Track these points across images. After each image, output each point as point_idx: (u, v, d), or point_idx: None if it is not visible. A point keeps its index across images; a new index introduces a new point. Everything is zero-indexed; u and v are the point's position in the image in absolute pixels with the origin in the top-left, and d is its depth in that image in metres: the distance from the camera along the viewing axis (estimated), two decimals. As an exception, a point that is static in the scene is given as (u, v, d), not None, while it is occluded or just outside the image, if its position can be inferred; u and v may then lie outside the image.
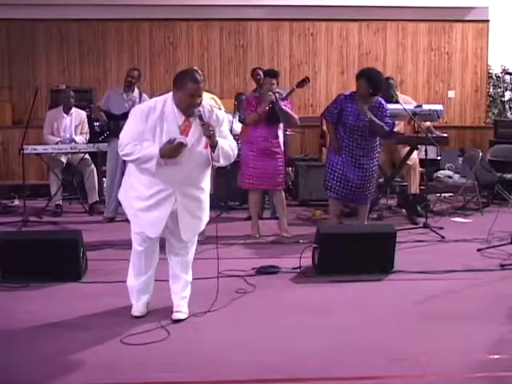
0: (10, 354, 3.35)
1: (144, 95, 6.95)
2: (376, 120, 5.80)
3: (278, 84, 6.13)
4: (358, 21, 10.13)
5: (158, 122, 3.62)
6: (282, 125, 6.19)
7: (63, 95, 7.86)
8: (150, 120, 3.62)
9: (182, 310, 3.91)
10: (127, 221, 3.76)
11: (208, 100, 5.70)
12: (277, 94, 5.94)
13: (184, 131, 3.66)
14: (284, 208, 6.30)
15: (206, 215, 3.95)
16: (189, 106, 3.62)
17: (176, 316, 3.88)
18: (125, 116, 6.73)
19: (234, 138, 8.07)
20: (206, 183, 3.90)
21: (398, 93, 7.39)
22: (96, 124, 7.11)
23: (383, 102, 5.98)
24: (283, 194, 6.28)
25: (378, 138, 6.02)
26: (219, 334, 3.64)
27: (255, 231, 6.23)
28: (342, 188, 5.94)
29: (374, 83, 5.76)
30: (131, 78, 6.94)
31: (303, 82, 6.42)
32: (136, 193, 3.77)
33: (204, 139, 3.68)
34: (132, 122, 3.71)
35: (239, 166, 7.56)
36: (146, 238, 3.87)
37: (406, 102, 7.07)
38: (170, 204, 3.71)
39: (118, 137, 6.91)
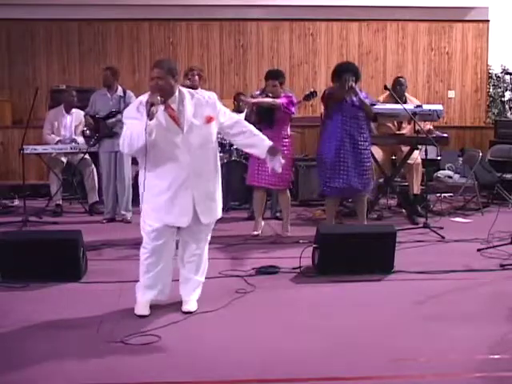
0: (10, 353, 3.35)
1: (129, 92, 6.96)
2: (365, 100, 6.02)
3: (283, 83, 6.18)
4: (357, 21, 10.13)
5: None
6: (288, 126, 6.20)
7: (66, 94, 7.88)
8: (141, 111, 3.68)
9: (191, 302, 3.97)
10: (127, 222, 3.80)
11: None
12: (259, 97, 6.03)
13: (171, 116, 3.76)
14: (288, 209, 6.30)
15: (219, 198, 4.00)
16: (151, 90, 3.69)
17: (186, 308, 3.93)
18: (110, 115, 6.79)
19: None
20: (216, 163, 3.95)
21: (406, 94, 7.42)
22: (85, 129, 7.12)
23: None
24: (287, 195, 6.29)
25: (366, 127, 6.09)
26: (219, 333, 3.64)
27: (257, 228, 6.24)
28: (336, 178, 5.95)
29: (358, 73, 6.04)
30: (105, 79, 6.97)
31: (310, 96, 6.44)
32: (155, 191, 3.78)
33: (203, 116, 3.80)
34: (127, 122, 3.79)
35: (239, 166, 7.56)
36: (162, 233, 3.84)
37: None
38: (189, 189, 3.77)
39: (107, 137, 6.99)
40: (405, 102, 7.02)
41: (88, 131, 7.05)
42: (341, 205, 7.04)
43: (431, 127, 7.27)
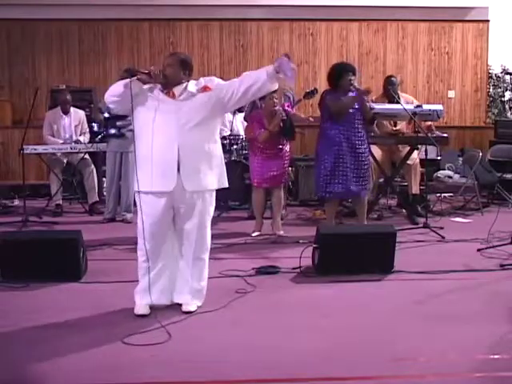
0: (10, 353, 3.35)
1: None
2: (366, 101, 6.05)
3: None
4: (357, 21, 10.12)
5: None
6: None
7: (60, 95, 7.87)
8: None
9: (191, 302, 3.96)
10: (127, 222, 3.79)
11: None
12: (287, 103, 6.07)
13: (169, 95, 3.88)
14: (280, 206, 6.32)
15: (213, 175, 3.95)
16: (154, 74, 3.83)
17: (186, 308, 3.92)
18: (122, 116, 6.80)
19: (235, 138, 8.13)
20: (210, 141, 3.93)
21: (399, 92, 7.40)
22: (94, 124, 7.16)
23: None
24: (282, 191, 6.31)
25: (362, 128, 6.10)
26: (219, 333, 3.64)
27: (257, 228, 6.26)
28: (336, 183, 5.96)
29: (355, 73, 6.08)
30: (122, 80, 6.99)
31: (311, 94, 6.46)
32: (143, 153, 3.83)
33: (200, 87, 3.89)
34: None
35: (239, 166, 7.58)
36: (157, 231, 3.85)
37: (407, 102, 7.08)
38: (174, 152, 3.77)
39: (115, 136, 6.98)
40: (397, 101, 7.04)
41: (97, 127, 7.07)
42: (341, 205, 7.03)
43: (431, 123, 7.25)
